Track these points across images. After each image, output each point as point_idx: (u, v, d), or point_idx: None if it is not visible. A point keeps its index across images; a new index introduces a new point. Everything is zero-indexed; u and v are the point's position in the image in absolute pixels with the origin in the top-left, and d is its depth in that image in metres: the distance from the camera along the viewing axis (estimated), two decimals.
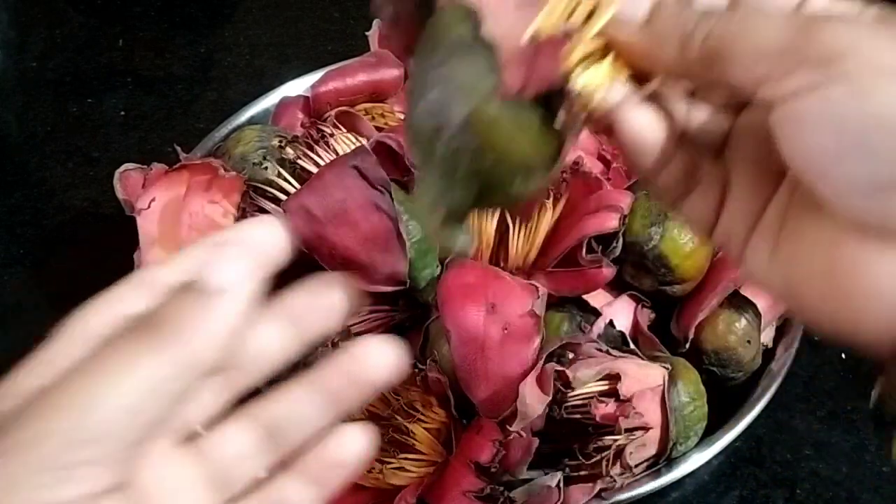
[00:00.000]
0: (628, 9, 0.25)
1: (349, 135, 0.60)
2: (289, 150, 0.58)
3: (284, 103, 0.68)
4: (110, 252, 0.60)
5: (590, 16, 0.25)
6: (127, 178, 0.61)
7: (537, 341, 0.48)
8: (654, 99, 0.27)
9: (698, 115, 0.28)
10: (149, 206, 0.57)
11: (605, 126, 0.27)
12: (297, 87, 0.70)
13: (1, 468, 0.20)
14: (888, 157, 0.22)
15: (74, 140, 0.77)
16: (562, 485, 0.48)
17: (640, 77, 0.26)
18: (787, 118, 0.23)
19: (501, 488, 0.47)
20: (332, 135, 0.59)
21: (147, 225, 0.56)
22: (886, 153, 0.22)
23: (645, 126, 0.27)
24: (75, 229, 0.70)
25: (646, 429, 0.48)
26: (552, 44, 0.25)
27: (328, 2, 0.92)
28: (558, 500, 0.47)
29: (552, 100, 0.25)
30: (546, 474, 0.48)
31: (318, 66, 0.69)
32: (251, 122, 0.68)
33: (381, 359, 0.27)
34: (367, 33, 0.70)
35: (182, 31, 0.89)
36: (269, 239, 0.26)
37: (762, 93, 0.23)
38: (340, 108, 0.63)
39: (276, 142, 0.59)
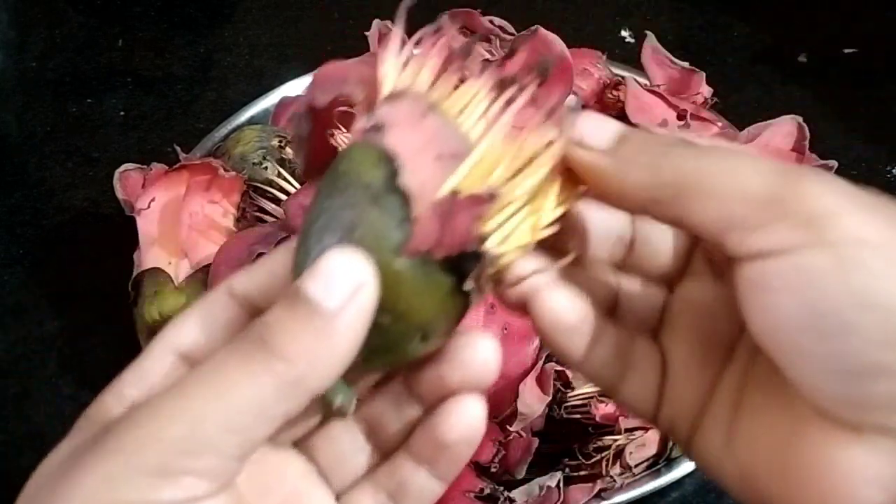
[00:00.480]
0: (593, 133, 0.23)
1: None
2: (289, 150, 0.58)
3: (284, 103, 0.68)
4: (110, 252, 0.60)
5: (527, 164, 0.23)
6: (127, 178, 0.61)
7: (537, 341, 0.48)
8: (576, 273, 0.25)
9: (629, 289, 0.26)
10: (148, 206, 0.57)
11: (518, 303, 0.25)
12: (297, 87, 0.70)
13: (102, 465, 0.20)
14: (869, 340, 0.19)
15: (74, 140, 0.77)
16: (562, 485, 0.48)
17: (558, 250, 0.24)
18: (758, 279, 0.21)
19: (501, 488, 0.47)
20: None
21: (147, 225, 0.56)
22: (868, 335, 0.19)
23: (564, 307, 0.24)
24: (75, 229, 0.70)
25: (646, 429, 0.48)
26: (472, 202, 0.22)
27: (328, 2, 0.91)
28: (558, 500, 0.47)
29: (463, 262, 0.22)
30: (546, 474, 0.48)
31: (318, 66, 0.69)
32: (251, 122, 0.68)
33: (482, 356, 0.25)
34: (366, 33, 0.70)
35: (182, 31, 0.89)
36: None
37: (731, 240, 0.21)
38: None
39: (275, 142, 0.59)
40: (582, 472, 0.47)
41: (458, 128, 0.24)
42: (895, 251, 0.20)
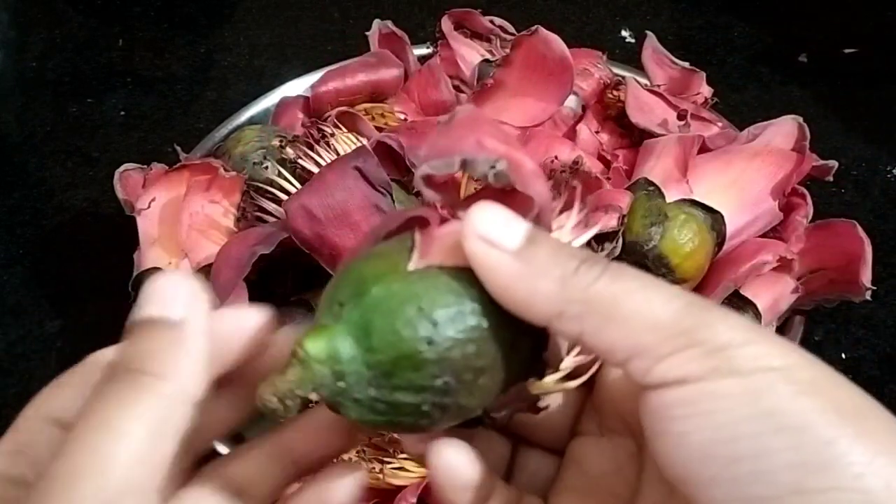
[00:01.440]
0: (501, 231, 0.22)
1: (350, 135, 0.60)
2: (289, 150, 0.58)
3: (284, 103, 0.68)
4: (110, 252, 0.60)
5: None
6: (127, 178, 0.61)
7: None
8: (474, 433, 0.25)
9: (522, 456, 0.27)
10: (149, 206, 0.57)
11: (417, 454, 0.25)
12: (297, 87, 0.70)
13: None
14: (782, 462, 0.19)
15: (74, 140, 0.77)
16: None
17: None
18: (667, 408, 0.21)
19: None
20: (332, 135, 0.59)
21: (147, 225, 0.56)
22: (780, 457, 0.19)
23: (460, 463, 0.24)
24: (75, 229, 0.70)
25: None
26: None
27: (328, 2, 0.92)
28: None
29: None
30: None
31: (318, 66, 0.69)
32: (251, 122, 0.68)
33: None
34: (367, 33, 0.70)
35: (182, 31, 0.89)
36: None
37: (636, 367, 0.21)
38: (341, 109, 0.63)
39: (276, 142, 0.59)
40: None
41: None
42: (800, 375, 0.20)
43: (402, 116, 0.66)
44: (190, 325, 0.22)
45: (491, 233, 0.22)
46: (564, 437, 0.27)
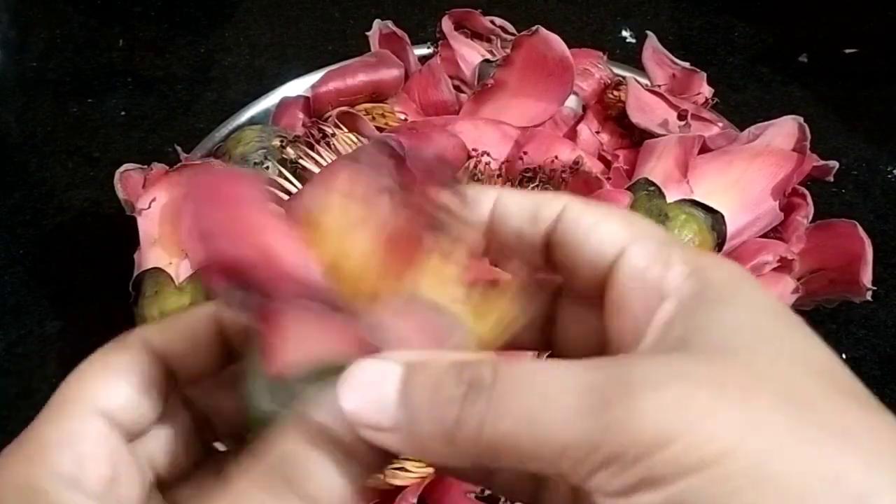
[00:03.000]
0: (367, 408, 0.20)
1: (350, 135, 0.60)
2: (289, 150, 0.58)
3: (285, 103, 0.68)
4: (110, 252, 0.60)
5: None
6: (127, 179, 0.60)
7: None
8: None
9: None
10: (149, 207, 0.56)
11: None
12: (298, 87, 0.69)
13: None
14: None
15: (74, 140, 0.77)
16: None
17: None
18: None
19: None
20: (333, 135, 0.59)
21: (147, 225, 0.56)
22: None
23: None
24: (75, 229, 0.70)
25: None
26: None
27: (328, 2, 0.92)
28: None
29: None
30: None
31: (318, 66, 0.69)
32: (251, 122, 0.68)
33: None
34: (367, 33, 0.70)
35: (182, 31, 0.89)
36: None
37: (574, 482, 0.19)
38: (341, 109, 0.63)
39: (276, 142, 0.59)
40: None
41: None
42: (723, 473, 0.17)
43: (403, 116, 0.66)
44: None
45: (363, 416, 0.20)
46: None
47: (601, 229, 0.23)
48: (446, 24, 0.68)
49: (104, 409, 0.23)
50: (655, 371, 0.19)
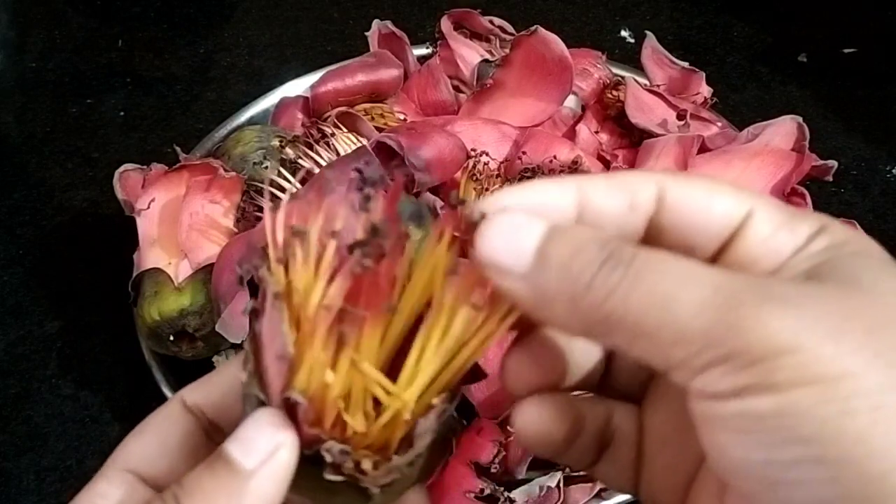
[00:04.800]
0: (506, 253, 0.20)
1: (349, 135, 0.60)
2: (289, 150, 0.58)
3: (284, 103, 0.68)
4: (110, 252, 0.60)
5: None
6: (126, 179, 0.61)
7: None
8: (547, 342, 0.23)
9: (616, 362, 0.25)
10: (148, 207, 0.56)
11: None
12: (297, 87, 0.70)
13: None
14: (819, 497, 0.18)
15: (74, 140, 0.77)
16: (562, 485, 0.48)
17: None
18: (708, 419, 0.19)
19: (501, 488, 0.47)
20: (332, 135, 0.59)
21: (147, 225, 0.56)
22: (817, 491, 0.17)
23: (543, 423, 0.23)
24: (75, 229, 0.70)
25: None
26: (305, 409, 0.21)
27: (328, 2, 0.92)
28: (558, 500, 0.47)
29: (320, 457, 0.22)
30: (546, 474, 0.48)
31: (318, 66, 0.69)
32: (251, 122, 0.68)
33: None
34: (366, 33, 0.70)
35: (181, 32, 0.89)
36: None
37: (676, 377, 0.19)
38: (340, 109, 0.63)
39: (275, 142, 0.59)
40: (582, 472, 0.47)
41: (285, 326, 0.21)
42: (848, 391, 0.17)
43: (402, 116, 0.66)
44: (256, 480, 0.21)
45: (496, 257, 0.20)
46: None
47: (715, 205, 0.21)
48: (445, 25, 0.68)
49: (132, 466, 0.24)
50: (790, 289, 0.19)
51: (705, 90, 0.65)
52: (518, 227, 0.20)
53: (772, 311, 0.18)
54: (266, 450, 0.21)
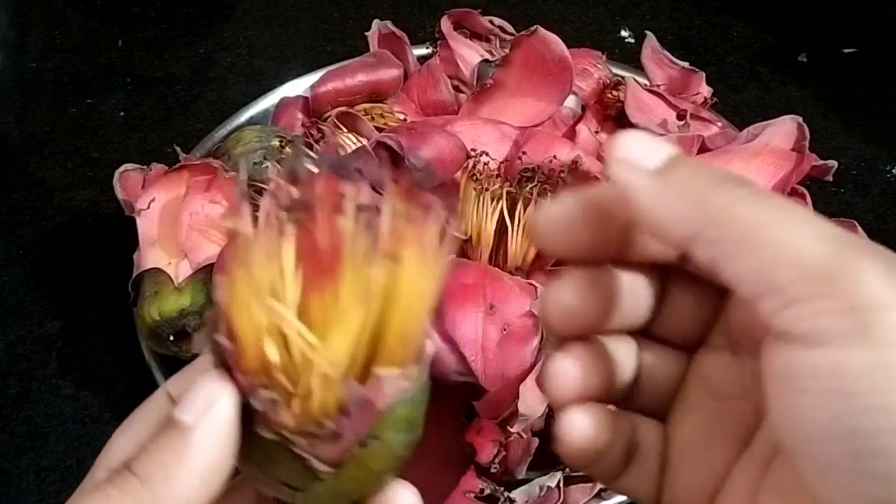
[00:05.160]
0: (644, 154, 0.21)
1: (349, 135, 0.60)
2: (289, 150, 0.58)
3: (284, 104, 0.68)
4: (110, 252, 0.60)
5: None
6: (126, 179, 0.61)
7: (536, 341, 0.48)
8: (593, 351, 0.24)
9: (648, 361, 0.25)
10: (148, 207, 0.56)
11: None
12: (297, 87, 0.70)
13: None
14: None
15: (74, 140, 0.77)
16: (562, 485, 0.48)
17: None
18: (788, 373, 0.18)
19: (501, 488, 0.47)
20: (332, 135, 0.59)
21: (147, 225, 0.56)
22: None
23: (590, 432, 0.23)
24: (75, 229, 0.70)
25: None
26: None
27: (328, 2, 0.92)
28: (558, 500, 0.47)
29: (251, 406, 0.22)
30: (546, 474, 0.48)
31: (318, 66, 0.69)
32: (250, 122, 0.68)
33: None
34: (366, 33, 0.70)
35: (181, 32, 0.89)
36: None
37: (765, 305, 0.18)
38: (340, 109, 0.63)
39: (275, 142, 0.59)
40: (582, 473, 0.47)
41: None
42: None
43: (402, 116, 0.66)
44: (197, 434, 0.21)
45: (631, 155, 0.21)
46: (695, 336, 0.25)
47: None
48: (445, 25, 0.68)
49: (116, 461, 0.24)
50: None
51: (705, 90, 0.65)
52: (649, 143, 0.21)
53: (890, 266, 0.17)
54: (204, 404, 0.21)
